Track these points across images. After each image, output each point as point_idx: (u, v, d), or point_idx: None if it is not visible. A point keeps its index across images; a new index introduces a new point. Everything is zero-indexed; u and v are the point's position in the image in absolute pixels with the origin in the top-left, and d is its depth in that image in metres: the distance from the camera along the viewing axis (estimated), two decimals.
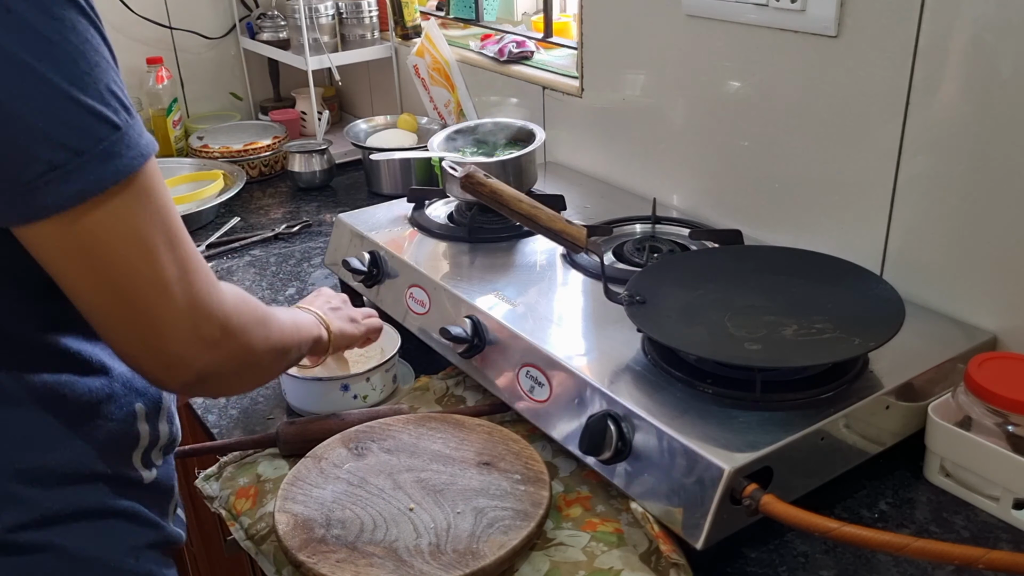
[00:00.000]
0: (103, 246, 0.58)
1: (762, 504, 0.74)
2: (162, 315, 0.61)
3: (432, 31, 1.75)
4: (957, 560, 0.66)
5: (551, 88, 1.52)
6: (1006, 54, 0.89)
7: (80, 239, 0.57)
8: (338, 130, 2.01)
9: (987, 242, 0.96)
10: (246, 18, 2.13)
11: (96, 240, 0.57)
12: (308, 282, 1.38)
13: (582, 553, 0.81)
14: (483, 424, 0.97)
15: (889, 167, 1.03)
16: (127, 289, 0.59)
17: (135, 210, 0.59)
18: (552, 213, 0.98)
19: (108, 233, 0.58)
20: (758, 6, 1.10)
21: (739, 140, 1.21)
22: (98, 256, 0.58)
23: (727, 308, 0.93)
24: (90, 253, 0.58)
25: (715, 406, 0.83)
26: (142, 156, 0.59)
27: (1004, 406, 0.83)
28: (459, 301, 1.05)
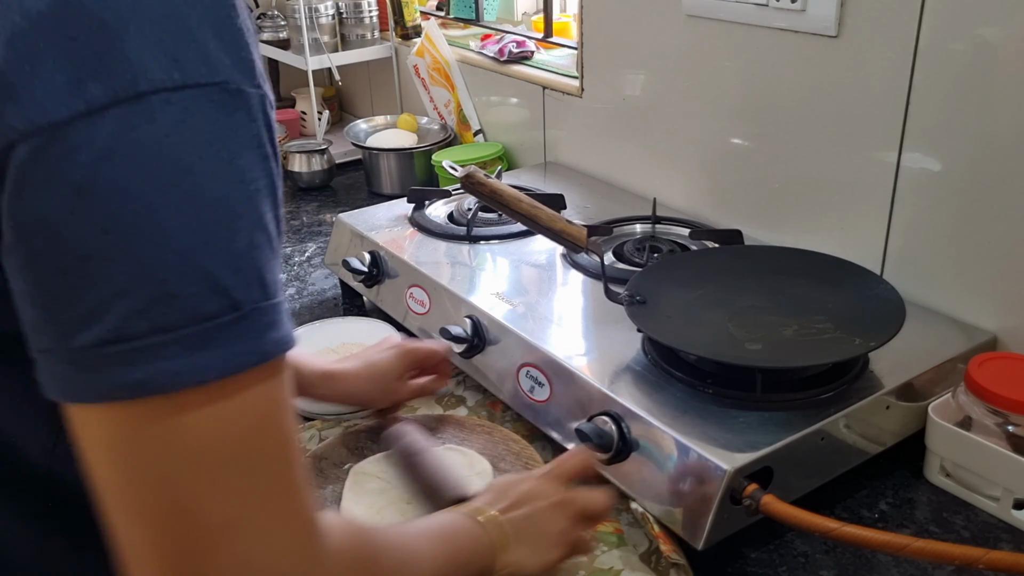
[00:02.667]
0: (148, 461, 0.42)
1: (762, 504, 0.74)
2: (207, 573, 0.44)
3: (432, 31, 1.75)
4: (957, 560, 0.66)
5: (551, 88, 1.52)
6: (1006, 54, 0.89)
7: (120, 441, 0.42)
8: (338, 130, 2.01)
9: (987, 242, 0.96)
10: None
11: (143, 450, 0.42)
12: (308, 282, 1.38)
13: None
14: (483, 424, 0.97)
15: (889, 167, 1.03)
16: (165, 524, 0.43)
17: (215, 423, 0.43)
18: (552, 213, 0.98)
19: (160, 446, 0.42)
20: (758, 6, 1.10)
21: (739, 140, 1.21)
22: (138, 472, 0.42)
23: (727, 308, 0.93)
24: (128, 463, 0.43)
25: (715, 406, 0.83)
26: (257, 355, 0.43)
27: (1004, 406, 0.83)
28: (459, 301, 1.05)
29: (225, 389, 0.43)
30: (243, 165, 0.43)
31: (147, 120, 0.40)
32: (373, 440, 0.95)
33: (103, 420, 0.42)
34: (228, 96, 0.42)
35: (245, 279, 0.43)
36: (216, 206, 0.42)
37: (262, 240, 0.44)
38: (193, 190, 0.41)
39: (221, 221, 0.42)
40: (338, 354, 1.12)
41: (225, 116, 0.42)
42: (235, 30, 0.43)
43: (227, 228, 0.42)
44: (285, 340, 0.45)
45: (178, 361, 0.41)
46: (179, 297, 0.41)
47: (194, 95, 0.41)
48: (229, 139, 0.42)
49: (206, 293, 0.41)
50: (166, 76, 0.40)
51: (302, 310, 1.29)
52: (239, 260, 0.43)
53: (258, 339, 0.43)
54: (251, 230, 0.43)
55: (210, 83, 0.41)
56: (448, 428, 0.97)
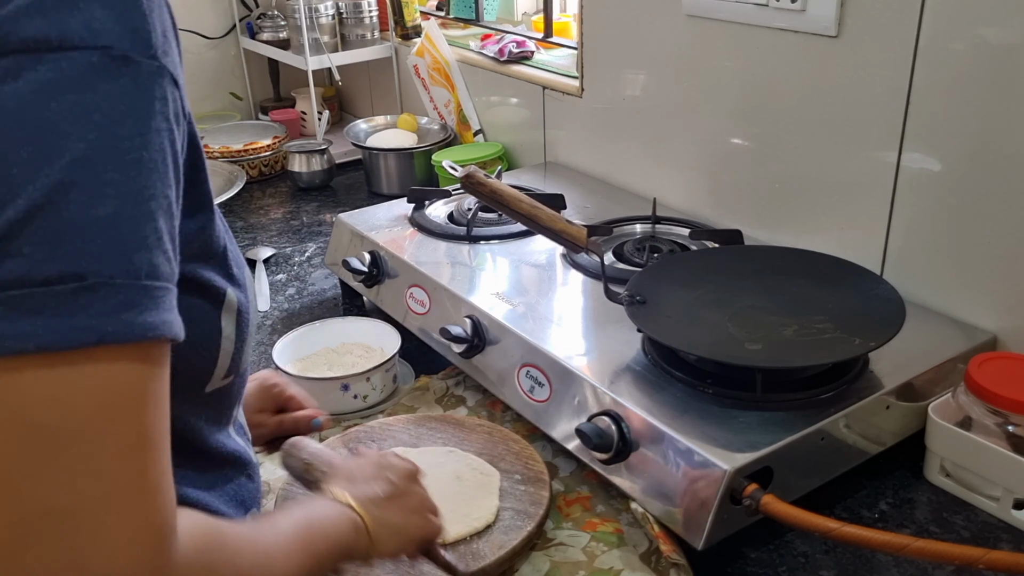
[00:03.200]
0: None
1: (762, 504, 0.74)
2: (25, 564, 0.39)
3: (432, 31, 1.75)
4: (957, 560, 0.66)
5: (551, 88, 1.52)
6: (1006, 54, 0.89)
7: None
8: (338, 130, 2.01)
9: (987, 242, 0.96)
10: (246, 18, 2.13)
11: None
12: (308, 282, 1.38)
13: (582, 553, 0.81)
14: (483, 424, 0.97)
15: (889, 167, 1.03)
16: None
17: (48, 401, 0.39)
18: (552, 213, 0.98)
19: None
20: (758, 6, 1.10)
21: (739, 140, 1.21)
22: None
23: (727, 308, 0.93)
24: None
25: (715, 406, 0.83)
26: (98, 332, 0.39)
27: (1004, 406, 0.83)
28: (459, 301, 1.05)
29: (68, 361, 0.39)
30: (120, 133, 0.41)
31: (12, 76, 0.39)
32: (373, 440, 0.95)
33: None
34: (111, 62, 0.41)
35: (98, 249, 0.39)
36: (78, 168, 0.39)
37: (140, 215, 0.41)
38: (50, 149, 0.39)
39: (81, 183, 0.39)
40: (338, 354, 1.12)
41: (105, 81, 0.41)
42: (131, 1, 0.43)
43: (88, 192, 0.39)
44: (147, 326, 0.41)
45: (2, 325, 0.38)
46: (12, 256, 0.38)
47: (70, 57, 0.40)
48: (106, 104, 0.41)
49: (45, 256, 0.38)
50: (40, 36, 0.40)
51: (302, 310, 1.29)
52: (95, 228, 0.39)
53: (103, 316, 0.39)
54: (121, 200, 0.40)
55: (90, 47, 0.40)
56: (448, 428, 0.97)
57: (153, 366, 0.43)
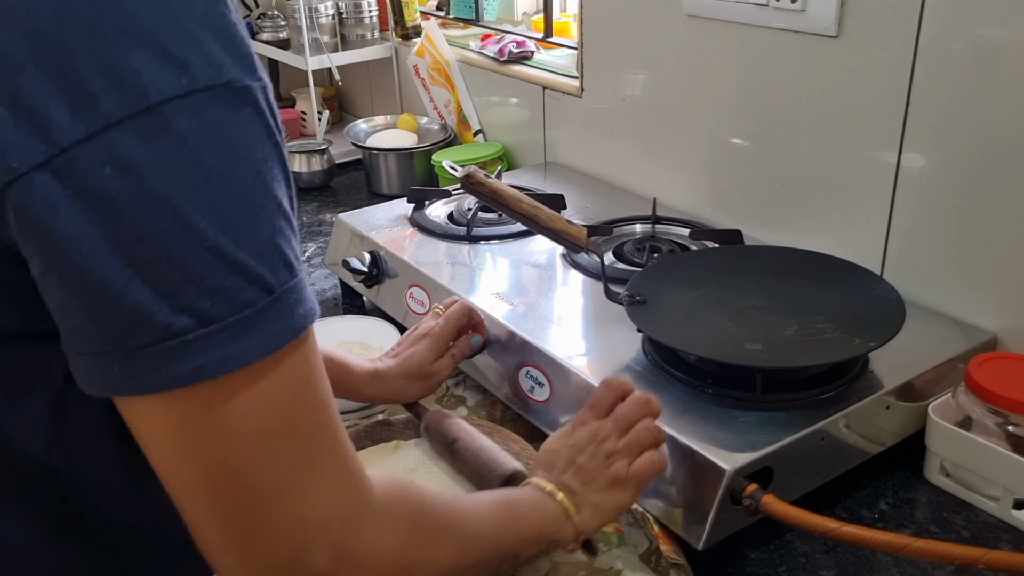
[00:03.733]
0: (212, 440, 0.45)
1: (762, 504, 0.74)
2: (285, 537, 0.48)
3: (432, 31, 1.75)
4: (957, 560, 0.66)
5: (551, 88, 1.52)
6: (1006, 54, 0.89)
7: (184, 426, 0.45)
8: (338, 130, 2.01)
9: (987, 242, 0.96)
10: (246, 18, 2.13)
11: (204, 431, 0.45)
12: (308, 282, 1.38)
13: (582, 553, 0.81)
14: (483, 424, 0.97)
15: (889, 167, 1.03)
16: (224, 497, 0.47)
17: (262, 400, 0.46)
18: (552, 213, 0.98)
19: (221, 424, 0.45)
20: (758, 6, 1.10)
21: (739, 140, 1.21)
22: (204, 451, 0.46)
23: (727, 308, 0.93)
24: (194, 445, 0.46)
25: (715, 406, 0.83)
26: (292, 331, 0.46)
27: (1004, 406, 0.83)
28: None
29: (267, 366, 0.46)
30: (258, 157, 0.45)
31: (163, 130, 0.41)
32: (373, 440, 0.95)
33: (158, 409, 0.45)
34: (235, 94, 0.43)
35: (273, 264, 0.45)
36: (240, 201, 0.44)
37: (282, 224, 0.46)
38: (216, 190, 0.43)
39: (246, 214, 0.44)
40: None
41: (235, 113, 0.43)
42: (231, 28, 0.44)
43: (252, 219, 0.44)
44: (312, 311, 0.48)
45: (227, 348, 0.44)
46: (219, 291, 0.43)
47: (204, 98, 0.42)
48: (242, 135, 0.44)
49: (242, 283, 0.44)
50: (175, 83, 0.41)
51: None
52: (266, 247, 0.45)
53: (291, 317, 0.46)
54: (272, 216, 0.45)
55: (217, 84, 0.43)
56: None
57: (312, 341, 0.49)
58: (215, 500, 0.47)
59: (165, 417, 0.45)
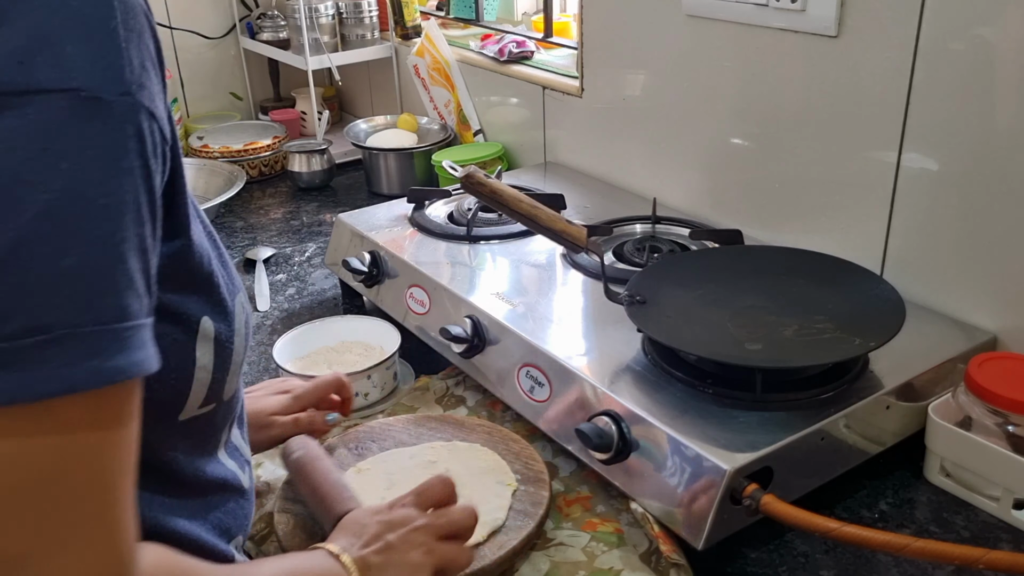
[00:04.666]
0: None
1: (762, 504, 0.74)
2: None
3: (432, 31, 1.75)
4: (957, 560, 0.66)
5: (551, 88, 1.52)
6: (1006, 54, 0.89)
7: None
8: (338, 130, 2.01)
9: (987, 242, 0.96)
10: (246, 18, 2.13)
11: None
12: (308, 282, 1.38)
13: (582, 553, 0.81)
14: (483, 424, 0.97)
15: (889, 167, 1.03)
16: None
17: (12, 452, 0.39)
18: (552, 213, 0.98)
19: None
20: (758, 6, 1.10)
21: (739, 140, 1.21)
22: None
23: (727, 308, 0.93)
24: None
25: (715, 406, 0.83)
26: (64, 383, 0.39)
27: (1004, 406, 0.83)
28: (459, 301, 1.05)
29: (29, 415, 0.39)
30: (89, 178, 0.39)
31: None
32: (373, 440, 0.95)
33: None
34: (80, 104, 0.40)
35: (64, 301, 0.39)
36: (42, 219, 0.38)
37: (104, 260, 0.40)
38: (14, 201, 0.38)
39: (45, 235, 0.38)
40: (338, 352, 1.12)
41: (73, 125, 0.39)
42: (106, 34, 0.41)
43: (52, 244, 0.39)
44: (114, 370, 0.40)
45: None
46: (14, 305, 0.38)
47: (38, 101, 0.39)
48: (74, 150, 0.39)
49: (9, 311, 0.38)
50: (7, 79, 0.38)
51: (302, 310, 1.29)
52: (60, 279, 0.39)
53: (69, 366, 0.39)
54: (87, 247, 0.39)
55: (59, 89, 0.39)
56: (448, 428, 0.97)
57: (121, 405, 0.42)
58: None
59: None
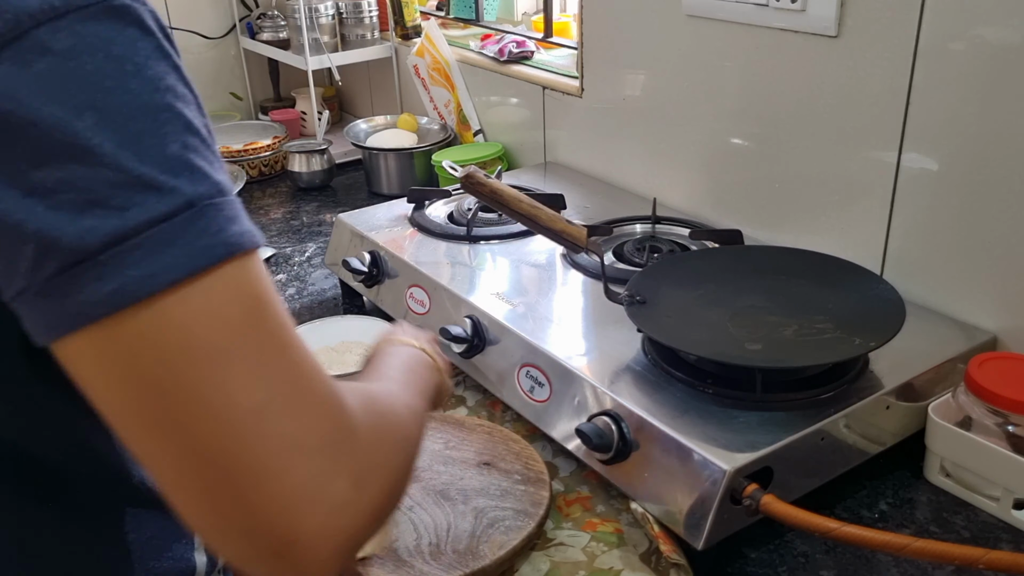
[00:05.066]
0: (156, 372, 0.41)
1: (762, 504, 0.74)
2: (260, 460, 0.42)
3: (432, 31, 1.75)
4: (957, 560, 0.66)
5: (551, 88, 1.52)
6: (1006, 54, 0.89)
7: (121, 362, 0.41)
8: (338, 130, 2.01)
9: (987, 242, 0.96)
10: (246, 18, 2.13)
11: (144, 363, 0.41)
12: (308, 282, 1.38)
13: (582, 553, 0.81)
14: (483, 424, 0.97)
15: (889, 167, 1.03)
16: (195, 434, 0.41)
17: (204, 318, 0.41)
18: (552, 213, 0.98)
19: (161, 352, 0.41)
20: (758, 6, 1.10)
21: (739, 140, 1.21)
22: (151, 387, 0.41)
23: (727, 308, 0.93)
24: (138, 382, 0.41)
25: (715, 406, 0.83)
26: (224, 246, 0.42)
27: (1004, 406, 0.83)
28: (459, 301, 1.05)
29: (205, 283, 0.42)
30: (152, 74, 0.42)
31: (40, 53, 0.39)
32: None
33: (93, 345, 0.41)
34: (114, 12, 0.42)
35: (191, 178, 0.42)
36: (138, 116, 0.41)
37: (196, 142, 0.43)
38: (110, 106, 0.41)
39: (148, 130, 0.41)
40: (338, 352, 1.12)
41: (118, 31, 0.41)
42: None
43: (155, 135, 0.42)
44: (251, 234, 0.44)
45: (144, 266, 0.40)
46: (128, 209, 0.40)
47: (80, 17, 0.40)
48: (129, 52, 0.42)
49: (155, 198, 0.41)
50: (45, 5, 0.40)
51: (302, 310, 1.29)
52: (177, 162, 0.42)
53: (220, 232, 0.42)
54: (181, 133, 0.43)
55: (92, 3, 0.41)
56: (448, 428, 0.97)
57: (260, 265, 0.45)
58: (180, 434, 0.41)
59: (100, 355, 0.41)
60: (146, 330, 0.40)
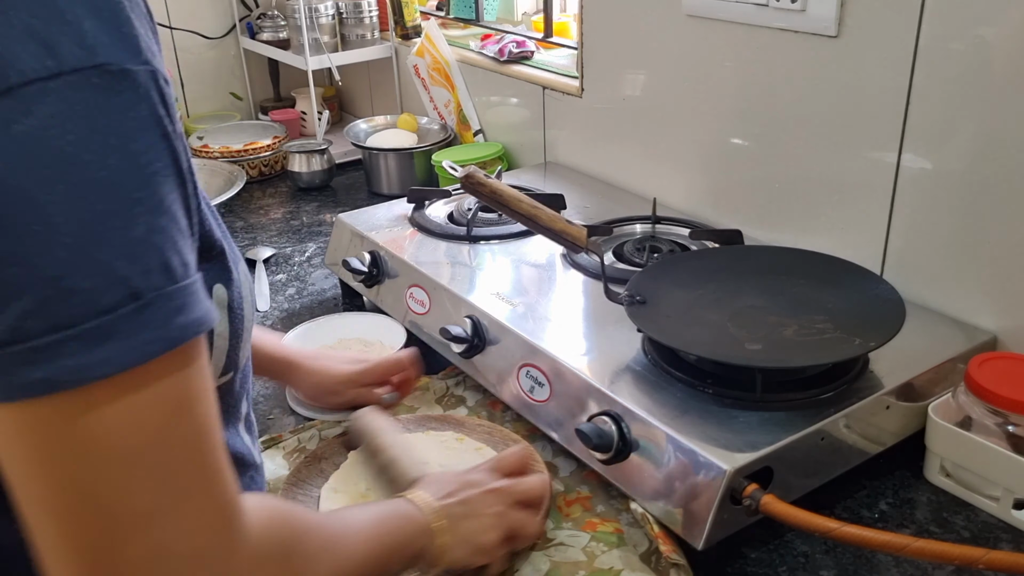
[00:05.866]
0: (66, 454, 0.41)
1: (762, 504, 0.74)
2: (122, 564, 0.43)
3: (432, 31, 1.75)
4: (957, 560, 0.66)
5: (551, 88, 1.52)
6: (1006, 54, 0.89)
7: (36, 438, 0.41)
8: (338, 130, 2.01)
9: (987, 242, 0.96)
10: (246, 18, 2.13)
11: (55, 445, 0.41)
12: (308, 282, 1.38)
13: (582, 553, 0.81)
14: (483, 424, 0.97)
15: (889, 167, 1.03)
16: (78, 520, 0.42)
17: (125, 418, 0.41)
18: (552, 213, 0.98)
19: (74, 439, 0.41)
20: (758, 6, 1.10)
21: (739, 140, 1.21)
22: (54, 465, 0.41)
23: (727, 308, 0.93)
24: (45, 458, 0.41)
25: (715, 406, 0.83)
26: (163, 342, 0.42)
27: (1004, 406, 0.83)
28: (459, 301, 1.05)
29: (134, 380, 0.41)
30: (136, 149, 0.41)
31: (23, 114, 0.38)
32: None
33: (12, 419, 0.41)
34: (111, 78, 0.40)
35: (145, 266, 0.41)
36: (108, 195, 0.40)
37: (165, 223, 0.42)
38: (80, 182, 0.39)
39: (115, 210, 0.40)
40: (336, 351, 1.12)
41: (109, 99, 0.40)
42: (113, 5, 0.42)
43: (122, 216, 0.40)
44: (196, 323, 0.43)
45: (80, 357, 0.40)
46: (75, 292, 0.39)
47: (72, 81, 0.39)
48: (117, 123, 0.40)
49: (103, 286, 0.40)
50: (38, 65, 0.39)
51: (302, 310, 1.29)
52: (138, 247, 0.41)
53: (164, 326, 0.42)
54: (151, 214, 0.42)
55: (88, 67, 0.40)
56: (448, 428, 0.97)
57: (198, 358, 0.45)
58: (67, 520, 0.42)
59: (17, 428, 0.41)
60: (65, 420, 0.40)
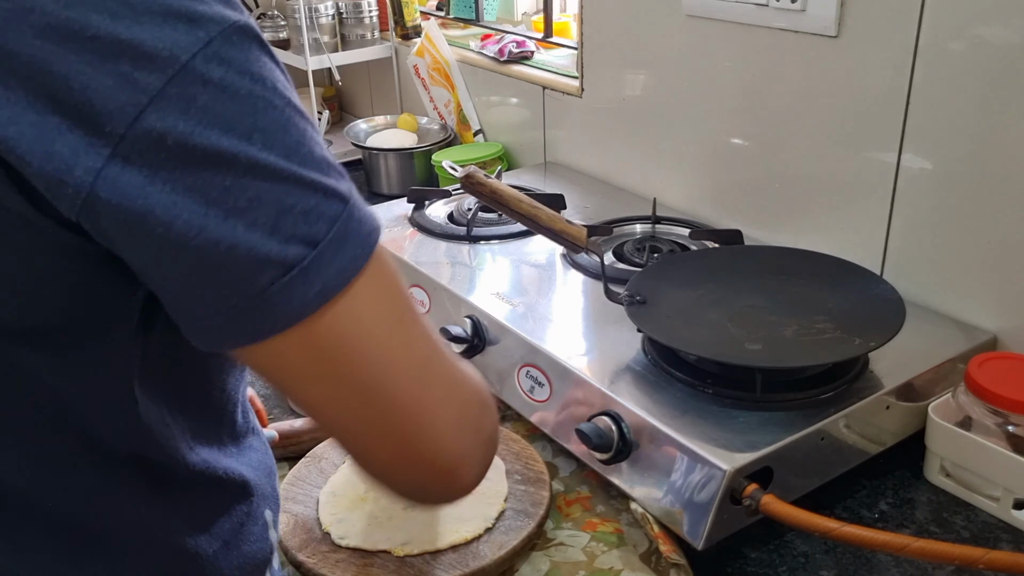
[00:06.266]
0: (350, 349, 0.47)
1: (762, 504, 0.74)
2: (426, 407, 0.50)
3: (432, 31, 1.75)
4: (957, 560, 0.66)
5: (551, 88, 1.52)
6: (1006, 54, 0.89)
7: (322, 347, 0.47)
8: (338, 130, 2.01)
9: (987, 242, 0.96)
10: None
11: (342, 344, 0.47)
12: None
13: (582, 553, 0.81)
14: None
15: (889, 167, 1.03)
16: (382, 392, 0.49)
17: (378, 295, 0.48)
18: (552, 213, 0.98)
19: (354, 331, 0.47)
20: (758, 6, 1.10)
21: (739, 140, 1.21)
22: (346, 361, 0.48)
23: (727, 308, 0.93)
24: (336, 360, 0.47)
25: (715, 406, 0.83)
26: (375, 229, 0.49)
27: (1004, 406, 0.83)
28: (459, 301, 1.05)
29: (372, 269, 0.48)
30: (281, 87, 0.46)
31: (202, 84, 0.42)
32: None
33: (297, 343, 0.46)
34: (241, 33, 0.44)
35: (338, 176, 0.47)
36: (288, 127, 0.45)
37: (321, 140, 0.48)
38: (267, 123, 0.44)
39: (297, 137, 0.45)
40: None
41: (248, 50, 0.44)
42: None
43: (303, 141, 0.46)
44: (374, 213, 0.50)
45: (336, 262, 0.45)
46: (310, 212, 0.45)
47: (220, 44, 0.43)
48: (262, 68, 0.45)
49: (323, 200, 0.45)
50: (194, 38, 0.42)
51: None
52: (323, 163, 0.46)
53: (369, 219, 0.48)
54: (314, 135, 0.47)
55: (225, 28, 0.43)
56: None
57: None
58: (373, 403, 0.49)
59: (306, 348, 0.46)
60: (343, 320, 0.46)
